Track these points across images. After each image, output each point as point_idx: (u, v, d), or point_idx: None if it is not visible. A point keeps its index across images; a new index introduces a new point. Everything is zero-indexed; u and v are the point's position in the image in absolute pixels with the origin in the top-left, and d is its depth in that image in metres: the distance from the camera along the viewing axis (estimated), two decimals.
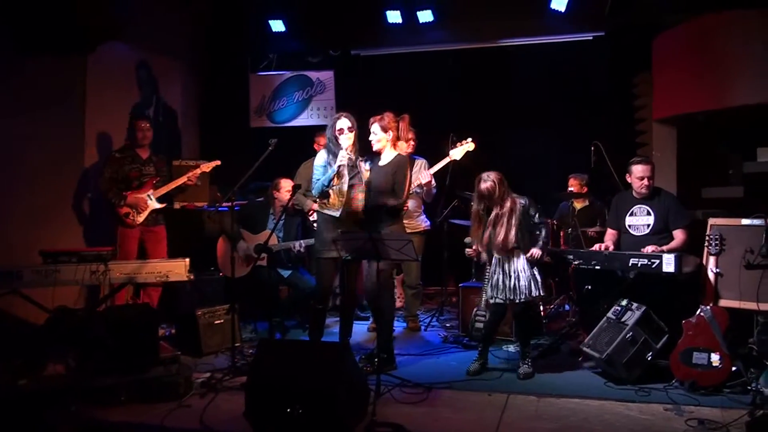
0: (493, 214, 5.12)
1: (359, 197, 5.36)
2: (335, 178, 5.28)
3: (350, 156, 5.28)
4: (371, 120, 5.34)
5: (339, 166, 5.25)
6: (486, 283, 5.44)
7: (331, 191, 5.34)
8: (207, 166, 6.64)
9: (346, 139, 5.31)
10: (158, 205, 6.45)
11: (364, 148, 5.46)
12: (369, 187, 5.34)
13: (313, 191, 5.52)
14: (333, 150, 5.34)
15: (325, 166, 5.37)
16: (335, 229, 5.22)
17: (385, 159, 5.33)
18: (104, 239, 6.44)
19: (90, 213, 6.93)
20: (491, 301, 5.29)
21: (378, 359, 4.95)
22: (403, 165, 5.27)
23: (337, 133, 5.31)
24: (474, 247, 5.43)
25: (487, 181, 5.10)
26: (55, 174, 6.62)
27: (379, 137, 5.31)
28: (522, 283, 5.11)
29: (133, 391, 4.55)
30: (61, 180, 6.74)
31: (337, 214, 5.33)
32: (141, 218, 6.36)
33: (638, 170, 5.51)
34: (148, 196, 6.39)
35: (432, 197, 6.55)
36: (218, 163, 6.72)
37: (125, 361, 4.72)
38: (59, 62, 6.57)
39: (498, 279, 5.20)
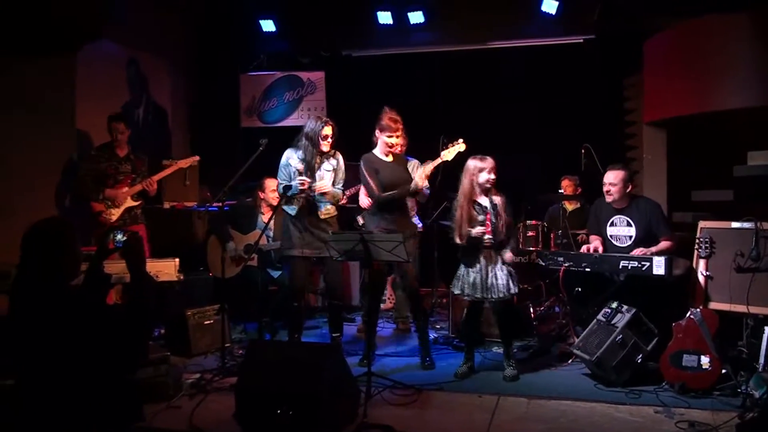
0: (488, 203, 5.10)
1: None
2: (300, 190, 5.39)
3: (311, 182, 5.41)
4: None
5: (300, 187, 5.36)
6: (457, 279, 5.27)
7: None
8: (185, 162, 6.60)
9: (327, 146, 5.46)
10: (133, 203, 6.40)
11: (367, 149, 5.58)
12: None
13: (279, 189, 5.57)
14: (305, 150, 5.42)
15: (287, 165, 5.48)
16: (293, 226, 5.46)
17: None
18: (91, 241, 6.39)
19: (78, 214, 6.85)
20: (465, 299, 5.25)
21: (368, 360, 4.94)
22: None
23: (322, 137, 5.37)
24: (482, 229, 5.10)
25: (487, 159, 5.13)
26: (46, 174, 6.55)
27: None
28: (500, 281, 5.07)
29: None
30: (54, 180, 6.65)
31: (293, 212, 5.45)
32: (115, 216, 6.28)
33: (605, 177, 5.53)
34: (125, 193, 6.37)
35: (426, 198, 6.57)
36: (197, 158, 6.70)
37: None
38: (47, 62, 6.48)
39: (475, 277, 5.13)
